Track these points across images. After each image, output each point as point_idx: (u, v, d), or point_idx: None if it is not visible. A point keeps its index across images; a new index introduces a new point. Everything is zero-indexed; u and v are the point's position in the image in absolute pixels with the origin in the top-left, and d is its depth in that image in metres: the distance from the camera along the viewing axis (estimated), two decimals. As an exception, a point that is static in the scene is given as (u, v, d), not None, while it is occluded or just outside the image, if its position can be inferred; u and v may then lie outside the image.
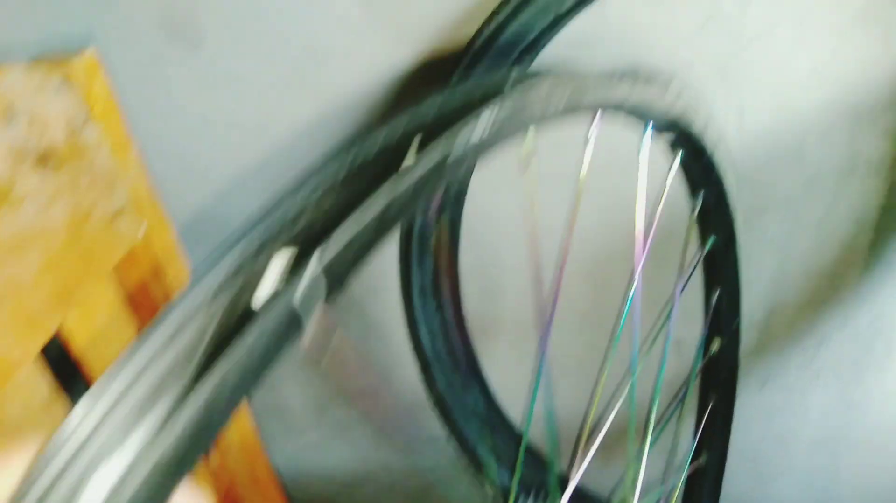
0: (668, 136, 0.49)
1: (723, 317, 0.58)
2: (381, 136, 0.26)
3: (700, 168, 0.50)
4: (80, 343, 0.46)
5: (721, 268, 0.57)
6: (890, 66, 0.60)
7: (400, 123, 0.26)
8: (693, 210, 0.53)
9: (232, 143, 0.72)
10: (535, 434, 0.88)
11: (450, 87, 0.31)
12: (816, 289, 0.74)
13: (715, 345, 0.59)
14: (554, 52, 0.60)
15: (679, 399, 0.59)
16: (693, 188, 0.54)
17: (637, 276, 0.48)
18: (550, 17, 0.55)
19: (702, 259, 0.56)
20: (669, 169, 0.48)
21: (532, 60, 0.60)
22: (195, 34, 0.65)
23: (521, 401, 0.60)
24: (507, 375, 0.80)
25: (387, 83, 0.66)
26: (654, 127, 0.45)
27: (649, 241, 0.48)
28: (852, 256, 0.71)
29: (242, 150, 0.72)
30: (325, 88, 0.67)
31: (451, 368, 0.68)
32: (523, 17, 0.56)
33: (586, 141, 0.41)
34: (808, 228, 0.70)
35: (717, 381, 0.61)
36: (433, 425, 0.73)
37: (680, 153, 0.49)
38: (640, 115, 0.42)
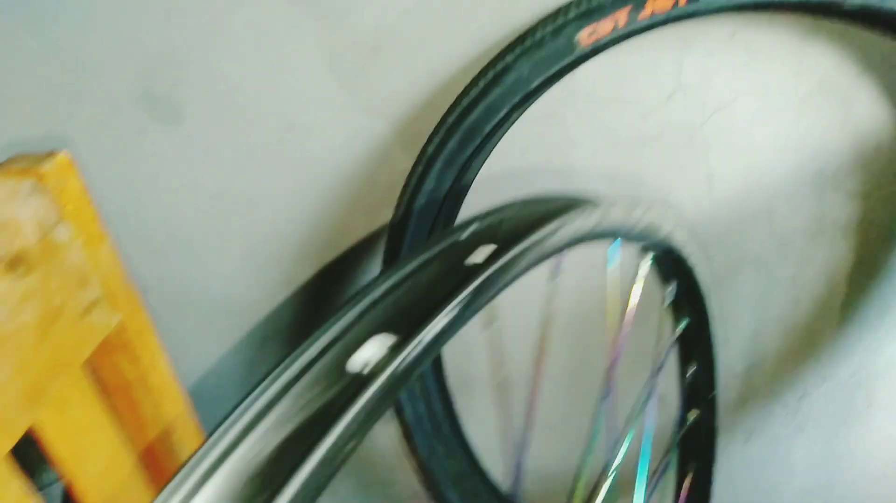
0: (637, 245, 0.50)
1: (699, 390, 0.59)
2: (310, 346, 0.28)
3: (670, 263, 0.51)
4: (52, 437, 0.47)
5: (695, 347, 0.58)
6: (850, 133, 0.62)
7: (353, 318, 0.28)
8: (664, 300, 0.55)
9: (214, 214, 0.73)
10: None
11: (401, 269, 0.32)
12: (794, 344, 0.75)
13: (692, 416, 0.60)
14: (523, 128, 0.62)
15: (660, 471, 0.59)
16: (665, 279, 0.55)
17: (611, 382, 0.49)
18: (519, 95, 0.57)
19: (676, 340, 0.57)
20: (639, 269, 0.50)
21: (502, 135, 0.62)
22: (175, 110, 0.67)
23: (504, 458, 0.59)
24: (489, 432, 0.80)
25: (364, 155, 0.67)
26: (622, 240, 0.46)
27: (621, 347, 0.49)
28: (827, 312, 0.72)
29: (224, 220, 0.73)
30: (305, 160, 0.69)
31: (433, 433, 0.69)
32: (493, 96, 0.58)
33: (553, 275, 0.42)
34: (782, 286, 0.71)
35: (697, 448, 0.62)
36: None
37: (650, 255, 0.51)
38: (606, 237, 0.43)
